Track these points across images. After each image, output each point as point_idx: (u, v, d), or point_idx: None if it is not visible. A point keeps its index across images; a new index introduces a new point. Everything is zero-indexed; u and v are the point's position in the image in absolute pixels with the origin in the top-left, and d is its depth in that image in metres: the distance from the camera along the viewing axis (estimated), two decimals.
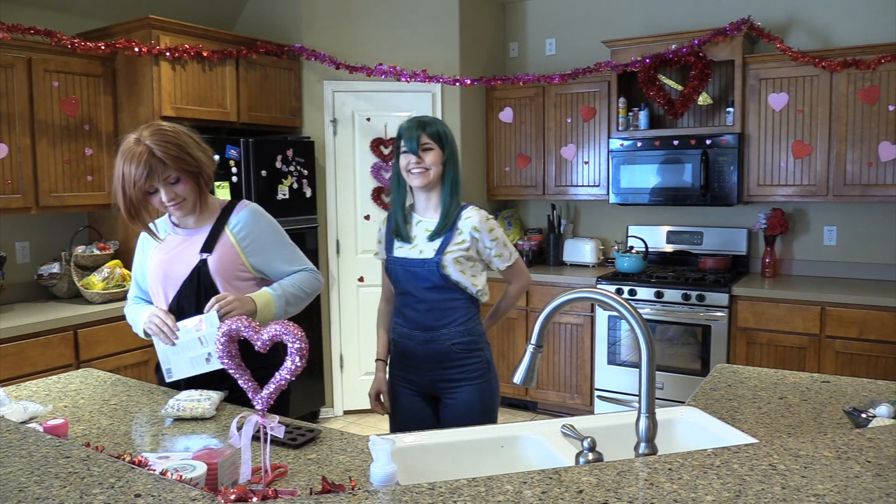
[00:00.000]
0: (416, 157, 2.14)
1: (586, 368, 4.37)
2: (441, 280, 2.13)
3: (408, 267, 2.17)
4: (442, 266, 2.12)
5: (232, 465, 1.35)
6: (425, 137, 2.13)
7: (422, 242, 2.18)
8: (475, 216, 2.17)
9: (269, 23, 4.55)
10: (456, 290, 2.16)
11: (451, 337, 2.15)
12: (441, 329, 2.15)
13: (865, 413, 1.63)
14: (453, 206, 2.17)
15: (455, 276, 2.13)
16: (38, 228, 3.81)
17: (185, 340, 1.91)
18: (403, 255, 2.19)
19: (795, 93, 3.95)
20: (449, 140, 2.18)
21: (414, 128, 2.15)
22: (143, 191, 1.87)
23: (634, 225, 4.71)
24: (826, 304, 3.67)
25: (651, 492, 0.97)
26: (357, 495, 0.99)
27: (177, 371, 1.95)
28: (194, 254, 1.99)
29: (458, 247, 2.14)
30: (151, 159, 1.84)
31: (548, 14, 5.04)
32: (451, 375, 2.17)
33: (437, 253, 2.13)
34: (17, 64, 3.35)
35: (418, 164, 2.14)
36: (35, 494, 1.03)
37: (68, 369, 3.12)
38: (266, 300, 1.97)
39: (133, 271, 2.17)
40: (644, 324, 1.30)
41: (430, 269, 2.13)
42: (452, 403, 2.17)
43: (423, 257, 2.15)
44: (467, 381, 2.16)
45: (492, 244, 2.18)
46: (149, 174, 1.84)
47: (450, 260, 2.12)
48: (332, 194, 4.50)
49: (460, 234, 2.15)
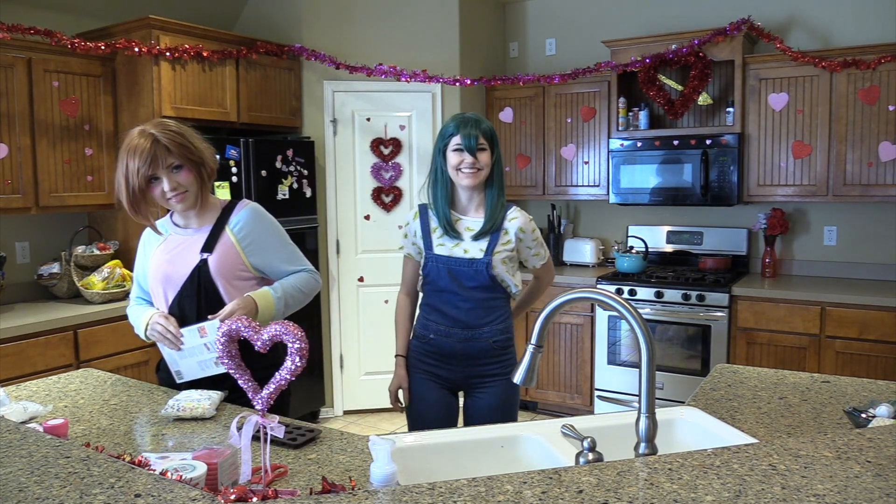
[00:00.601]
0: (473, 158, 2.13)
1: (586, 368, 4.37)
2: (489, 280, 2.14)
3: (452, 266, 2.15)
4: (492, 266, 2.13)
5: (232, 465, 1.35)
6: (482, 138, 2.13)
7: (466, 241, 2.17)
8: (520, 217, 2.20)
9: (269, 23, 4.55)
10: (499, 289, 2.18)
11: (492, 335, 2.17)
12: (483, 327, 2.17)
13: (865, 413, 1.63)
14: (499, 207, 2.18)
15: (502, 275, 2.16)
16: (38, 228, 3.81)
17: (190, 346, 1.92)
18: (447, 254, 2.17)
19: (795, 93, 3.95)
20: (496, 140, 2.20)
21: (471, 126, 2.13)
22: (146, 178, 1.88)
23: (634, 225, 4.71)
24: (826, 304, 3.67)
25: (651, 492, 0.97)
26: (357, 495, 0.99)
27: (187, 373, 1.97)
28: (195, 253, 1.99)
29: (505, 247, 2.16)
30: (155, 146, 1.86)
31: (548, 14, 5.04)
32: (486, 371, 2.18)
33: (486, 253, 2.14)
34: (17, 64, 3.35)
35: (473, 165, 2.13)
36: (35, 494, 1.03)
37: (68, 369, 3.12)
38: (267, 301, 1.98)
39: (134, 272, 2.17)
40: (644, 324, 1.30)
41: (479, 269, 2.14)
42: (483, 396, 2.19)
43: (470, 257, 2.14)
44: (500, 377, 2.18)
45: (533, 244, 2.23)
46: (152, 160, 1.86)
47: (498, 260, 2.15)
48: (332, 194, 4.50)
49: (506, 234, 2.17)
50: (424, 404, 2.24)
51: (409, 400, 2.27)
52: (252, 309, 1.93)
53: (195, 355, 1.93)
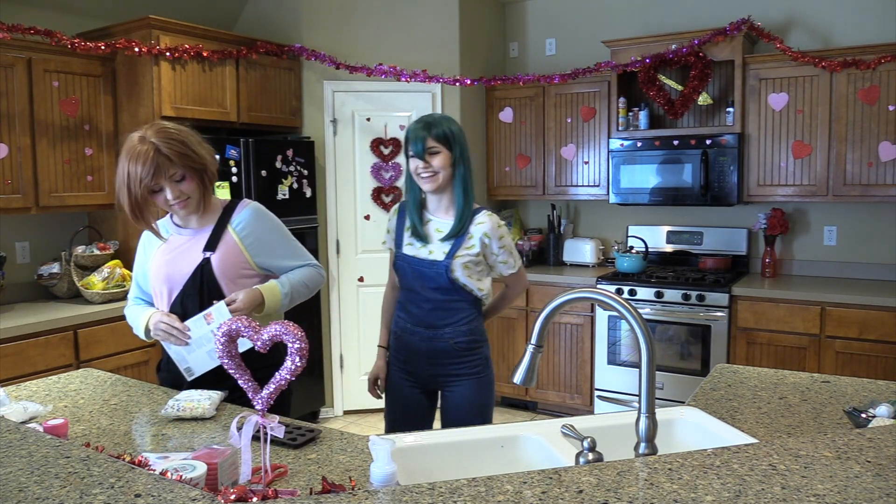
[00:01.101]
0: (423, 162, 2.12)
1: (586, 368, 4.37)
2: (448, 283, 2.14)
3: (416, 266, 2.17)
4: (451, 270, 2.13)
5: (232, 465, 1.35)
6: (431, 140, 2.11)
7: (433, 243, 2.18)
8: (487, 222, 2.17)
9: (269, 23, 4.55)
10: (462, 291, 2.17)
11: (454, 336, 2.17)
12: (444, 328, 2.17)
13: (865, 413, 1.63)
14: (466, 209, 2.16)
15: (462, 279, 2.14)
16: (38, 228, 3.81)
17: (197, 336, 1.92)
18: (413, 254, 2.19)
19: (795, 93, 3.95)
20: (458, 139, 2.15)
21: (420, 129, 2.12)
22: (148, 189, 1.87)
23: (634, 225, 4.71)
24: (826, 304, 3.67)
25: (651, 492, 0.97)
26: (357, 495, 0.99)
27: (197, 367, 1.96)
28: (197, 253, 1.99)
29: (468, 251, 2.14)
30: (158, 157, 1.84)
31: (548, 14, 5.04)
32: (450, 371, 2.20)
33: (447, 256, 2.13)
34: (17, 64, 3.35)
35: (426, 169, 2.13)
36: (35, 494, 1.03)
37: (68, 369, 3.12)
38: (274, 295, 2.00)
39: (134, 272, 2.17)
40: (644, 324, 1.30)
41: (439, 271, 2.13)
42: (451, 396, 2.22)
43: (432, 258, 2.15)
44: (467, 377, 2.19)
45: (500, 251, 2.19)
46: (155, 172, 1.84)
47: (459, 264, 2.13)
48: (332, 194, 4.50)
49: (471, 238, 2.15)
50: (398, 402, 2.30)
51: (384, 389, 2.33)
52: (258, 301, 1.95)
53: (203, 345, 1.92)
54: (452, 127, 2.16)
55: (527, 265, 4.75)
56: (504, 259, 2.21)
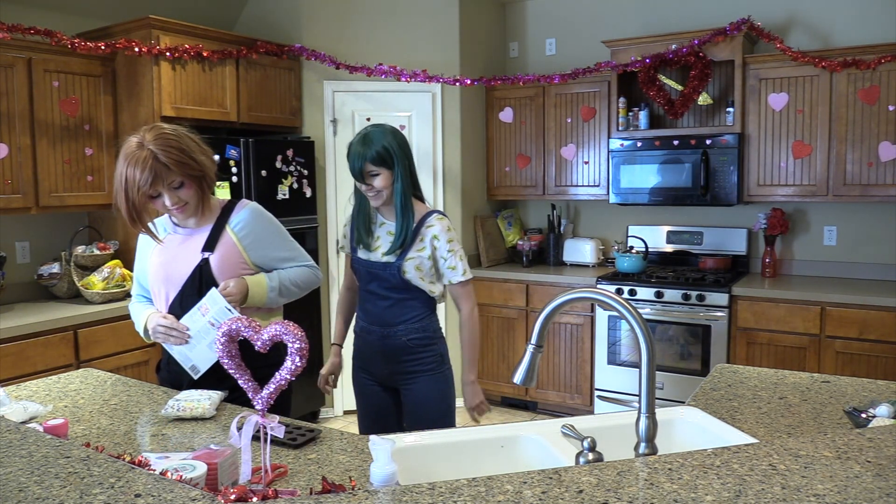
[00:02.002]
0: (365, 185, 2.17)
1: (586, 368, 4.37)
2: (401, 282, 2.21)
3: (369, 268, 2.26)
4: (402, 271, 2.20)
5: (232, 465, 1.35)
6: (368, 165, 2.13)
7: (385, 245, 2.24)
8: (437, 226, 2.22)
9: (269, 23, 4.55)
10: (415, 290, 2.24)
11: (407, 333, 2.25)
12: (398, 325, 2.25)
13: (865, 413, 1.63)
14: (407, 220, 2.21)
15: (414, 281, 2.22)
16: (38, 228, 3.81)
17: (197, 330, 1.93)
18: (366, 258, 2.28)
19: (795, 93, 3.95)
20: (396, 156, 2.15)
21: (356, 156, 2.14)
22: (146, 195, 1.86)
23: (634, 225, 4.71)
24: (826, 304, 3.67)
25: (651, 492, 0.97)
26: (357, 495, 0.99)
27: (201, 363, 1.96)
28: (195, 253, 1.99)
29: (419, 254, 2.21)
30: (156, 164, 1.82)
31: (548, 14, 5.04)
32: (406, 368, 2.27)
33: (398, 258, 2.20)
34: (17, 64, 3.35)
35: (369, 190, 2.18)
36: (35, 494, 1.03)
37: (68, 369, 3.12)
38: (260, 287, 2.01)
39: (135, 270, 2.17)
40: (644, 324, 1.30)
41: (392, 272, 2.21)
42: (410, 393, 2.29)
43: (384, 261, 2.23)
44: (423, 373, 2.27)
45: (447, 255, 2.23)
46: (153, 180, 1.83)
47: (410, 266, 2.20)
48: (332, 194, 4.50)
49: (422, 240, 2.22)
50: (365, 399, 2.40)
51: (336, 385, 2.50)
52: (243, 290, 1.96)
53: (203, 339, 1.93)
54: (388, 143, 2.15)
55: (527, 265, 4.76)
56: (452, 264, 2.23)
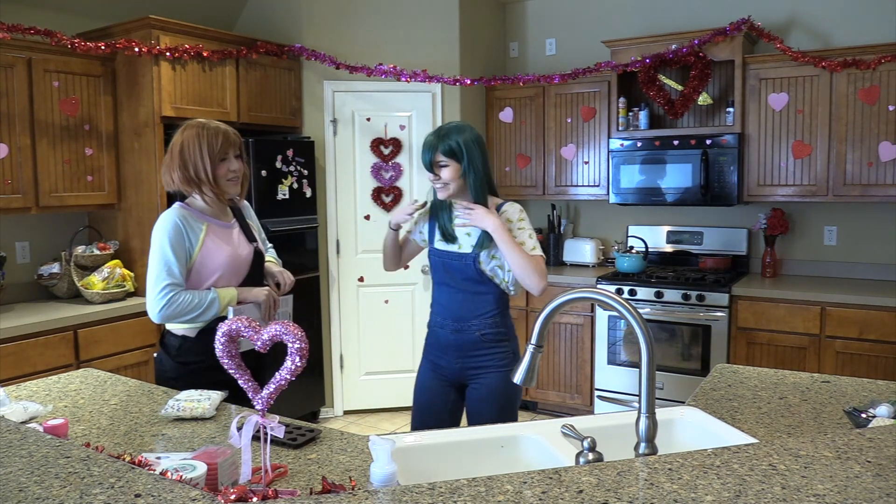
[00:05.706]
0: (433, 175, 2.25)
1: (586, 368, 4.37)
2: (476, 274, 2.24)
3: (446, 260, 2.30)
4: (478, 261, 2.23)
5: (232, 465, 1.35)
6: (439, 156, 2.23)
7: (461, 237, 2.29)
8: (509, 210, 2.29)
9: (269, 23, 4.55)
10: (490, 283, 2.26)
11: (481, 328, 2.26)
12: (472, 320, 2.26)
13: (865, 413, 1.63)
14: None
15: (490, 271, 2.24)
16: (38, 228, 3.81)
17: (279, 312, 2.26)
18: (443, 249, 2.32)
19: (795, 93, 3.95)
20: (466, 150, 2.22)
21: (428, 145, 2.24)
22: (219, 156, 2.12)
23: (634, 225, 4.71)
24: (826, 304, 3.67)
25: (651, 492, 0.97)
26: (357, 495, 0.99)
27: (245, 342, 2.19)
28: (244, 243, 2.24)
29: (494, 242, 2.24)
30: (228, 132, 2.17)
31: (548, 14, 5.04)
32: (478, 363, 2.28)
33: (474, 248, 2.24)
34: (17, 64, 3.35)
35: (436, 181, 2.25)
36: (35, 494, 1.03)
37: (68, 369, 3.12)
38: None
39: (165, 259, 2.06)
40: (644, 324, 1.30)
41: (467, 262, 2.24)
42: (477, 388, 2.28)
43: (461, 251, 2.27)
44: (493, 369, 2.27)
45: (518, 232, 2.26)
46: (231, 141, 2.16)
47: (486, 255, 2.24)
48: (332, 194, 4.50)
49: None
50: (428, 393, 2.37)
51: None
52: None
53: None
54: (461, 138, 2.22)
55: None
56: (521, 240, 2.26)
